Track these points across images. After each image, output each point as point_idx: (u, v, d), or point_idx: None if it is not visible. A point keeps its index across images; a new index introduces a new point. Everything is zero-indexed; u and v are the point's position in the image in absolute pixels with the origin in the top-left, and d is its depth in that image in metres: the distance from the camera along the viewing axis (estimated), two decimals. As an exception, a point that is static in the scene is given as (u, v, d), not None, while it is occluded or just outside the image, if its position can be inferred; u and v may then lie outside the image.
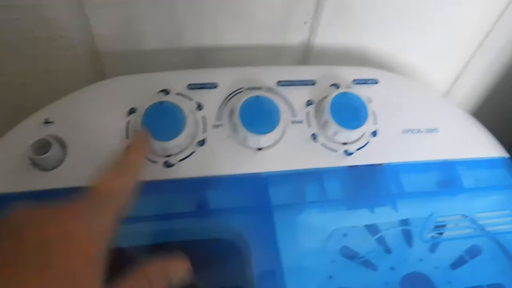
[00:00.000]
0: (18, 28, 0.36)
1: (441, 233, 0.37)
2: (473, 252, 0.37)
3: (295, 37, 0.43)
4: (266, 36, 0.42)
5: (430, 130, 0.38)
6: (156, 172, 0.33)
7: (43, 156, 0.31)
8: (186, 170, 0.33)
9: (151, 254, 0.32)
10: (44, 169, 0.32)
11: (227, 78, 0.37)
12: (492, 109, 0.59)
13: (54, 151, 0.31)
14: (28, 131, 0.33)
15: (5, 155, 0.32)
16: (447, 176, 0.37)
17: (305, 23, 0.42)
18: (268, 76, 0.37)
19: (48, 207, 0.22)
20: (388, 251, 0.36)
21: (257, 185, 0.34)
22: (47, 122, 0.34)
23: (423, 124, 0.38)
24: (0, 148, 0.33)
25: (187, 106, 0.34)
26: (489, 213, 0.37)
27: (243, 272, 0.32)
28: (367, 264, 0.35)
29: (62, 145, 0.33)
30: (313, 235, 0.34)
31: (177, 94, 0.35)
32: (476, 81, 0.54)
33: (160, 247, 0.32)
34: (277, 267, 0.31)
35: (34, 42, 0.38)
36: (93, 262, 0.21)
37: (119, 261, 0.26)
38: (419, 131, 0.37)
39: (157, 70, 0.38)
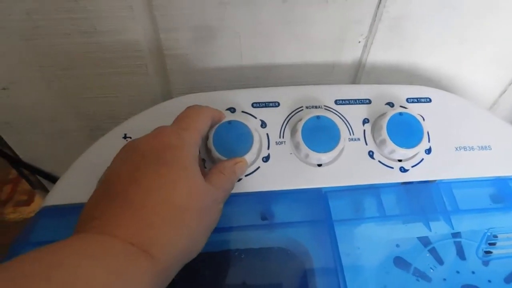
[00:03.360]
0: (98, 50, 0.40)
1: (494, 247, 0.38)
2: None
3: (349, 56, 0.45)
4: (321, 54, 0.44)
5: (483, 147, 0.39)
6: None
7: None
8: (252, 184, 0.35)
9: (218, 261, 0.35)
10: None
11: (288, 97, 0.39)
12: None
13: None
14: (109, 145, 0.36)
15: (88, 169, 0.35)
16: (500, 192, 0.38)
17: (359, 42, 0.43)
18: (326, 95, 0.39)
19: (146, 135, 0.30)
20: (441, 262, 0.37)
21: (318, 199, 0.36)
22: (125, 137, 0.37)
23: (475, 141, 0.39)
24: (84, 161, 0.36)
25: (252, 124, 0.36)
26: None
27: (306, 281, 0.34)
28: (420, 274, 0.37)
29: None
30: (370, 247, 0.36)
31: (243, 112, 0.38)
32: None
33: (226, 256, 0.35)
34: (340, 276, 0.33)
35: (110, 61, 0.41)
36: (194, 161, 0.29)
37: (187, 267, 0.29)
38: (471, 148, 0.39)
39: (218, 86, 0.41)
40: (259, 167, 0.36)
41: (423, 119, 0.38)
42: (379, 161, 0.37)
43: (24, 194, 0.71)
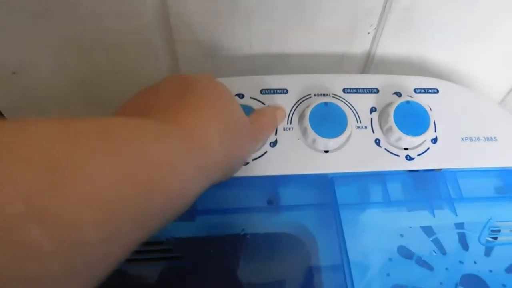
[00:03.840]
0: (109, 34, 0.40)
1: (496, 238, 0.38)
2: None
3: (358, 47, 0.45)
4: (331, 44, 0.45)
5: (489, 139, 0.39)
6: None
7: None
8: (260, 168, 0.36)
9: (225, 245, 0.36)
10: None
11: (296, 85, 0.39)
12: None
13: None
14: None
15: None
16: (505, 183, 0.38)
17: (368, 33, 0.44)
18: (334, 83, 0.40)
19: None
20: (443, 252, 0.38)
21: (324, 184, 0.37)
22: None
23: (481, 132, 0.39)
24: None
25: (261, 110, 0.37)
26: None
27: (311, 265, 0.35)
28: (423, 263, 0.37)
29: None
30: (375, 233, 0.36)
31: (251, 98, 0.38)
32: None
33: (233, 239, 0.36)
34: (344, 261, 0.33)
35: (123, 47, 0.42)
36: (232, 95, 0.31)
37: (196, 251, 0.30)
38: (477, 139, 0.39)
39: (228, 74, 0.42)
40: (266, 151, 0.37)
41: (430, 109, 0.39)
42: (386, 149, 0.38)
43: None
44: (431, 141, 0.38)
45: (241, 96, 0.39)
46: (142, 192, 0.19)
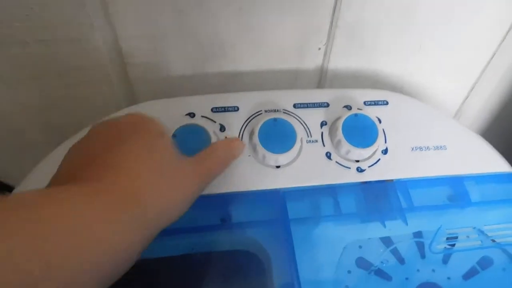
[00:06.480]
0: (59, 59, 0.40)
1: (452, 245, 0.38)
2: (484, 263, 0.38)
3: (310, 62, 0.46)
4: (282, 62, 0.45)
5: (438, 147, 0.40)
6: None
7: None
8: (212, 186, 0.36)
9: (178, 264, 0.35)
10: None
11: (247, 102, 0.40)
12: (501, 129, 0.60)
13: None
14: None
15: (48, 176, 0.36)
16: (455, 190, 0.39)
17: (319, 49, 0.45)
18: (285, 99, 0.40)
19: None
20: (402, 262, 0.38)
21: (276, 200, 0.36)
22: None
23: (431, 142, 0.40)
24: (43, 169, 0.37)
25: (211, 128, 0.37)
26: (497, 225, 0.39)
27: (263, 281, 0.34)
28: (382, 274, 0.37)
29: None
30: (329, 247, 0.36)
31: (202, 116, 0.39)
32: (485, 99, 0.56)
33: (186, 258, 0.35)
34: (295, 277, 0.33)
35: (74, 70, 0.42)
36: (163, 134, 0.30)
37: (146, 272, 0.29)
38: (427, 148, 0.40)
39: (183, 94, 0.42)
40: (217, 169, 0.36)
41: (380, 121, 0.39)
42: (336, 162, 0.38)
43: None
44: (382, 152, 0.39)
45: (192, 115, 0.39)
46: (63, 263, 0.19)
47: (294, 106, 0.40)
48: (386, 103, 0.41)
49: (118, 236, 0.23)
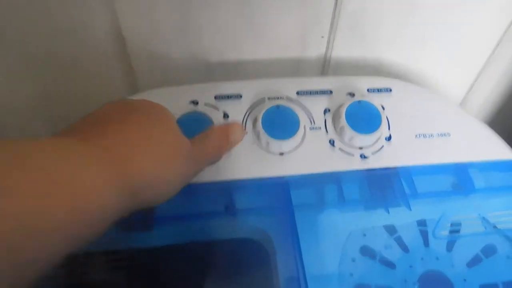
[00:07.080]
0: (64, 51, 0.40)
1: (456, 232, 0.38)
2: (488, 251, 0.38)
3: (313, 51, 0.46)
4: (286, 50, 0.45)
5: (442, 135, 0.40)
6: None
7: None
8: (216, 174, 0.36)
9: (183, 252, 0.36)
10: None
11: (250, 90, 0.40)
12: (506, 120, 0.60)
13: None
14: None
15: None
16: (459, 177, 0.39)
17: (322, 37, 0.45)
18: (288, 86, 0.40)
19: None
20: (406, 250, 0.38)
21: (280, 187, 0.36)
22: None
23: (435, 129, 0.40)
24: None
25: (215, 116, 0.37)
26: (502, 212, 0.38)
27: (267, 268, 0.34)
28: (386, 262, 0.37)
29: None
30: (333, 234, 0.36)
31: (206, 104, 0.39)
32: (490, 90, 0.56)
33: (190, 246, 0.35)
34: (299, 265, 0.33)
35: (77, 62, 0.42)
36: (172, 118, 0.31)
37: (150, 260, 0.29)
38: (431, 135, 0.40)
39: (186, 83, 0.42)
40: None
41: (383, 108, 0.39)
42: (340, 149, 0.38)
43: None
44: (385, 139, 0.39)
45: (195, 102, 0.39)
46: (37, 205, 0.19)
47: (297, 93, 0.40)
48: (389, 90, 0.41)
49: (95, 191, 0.22)
